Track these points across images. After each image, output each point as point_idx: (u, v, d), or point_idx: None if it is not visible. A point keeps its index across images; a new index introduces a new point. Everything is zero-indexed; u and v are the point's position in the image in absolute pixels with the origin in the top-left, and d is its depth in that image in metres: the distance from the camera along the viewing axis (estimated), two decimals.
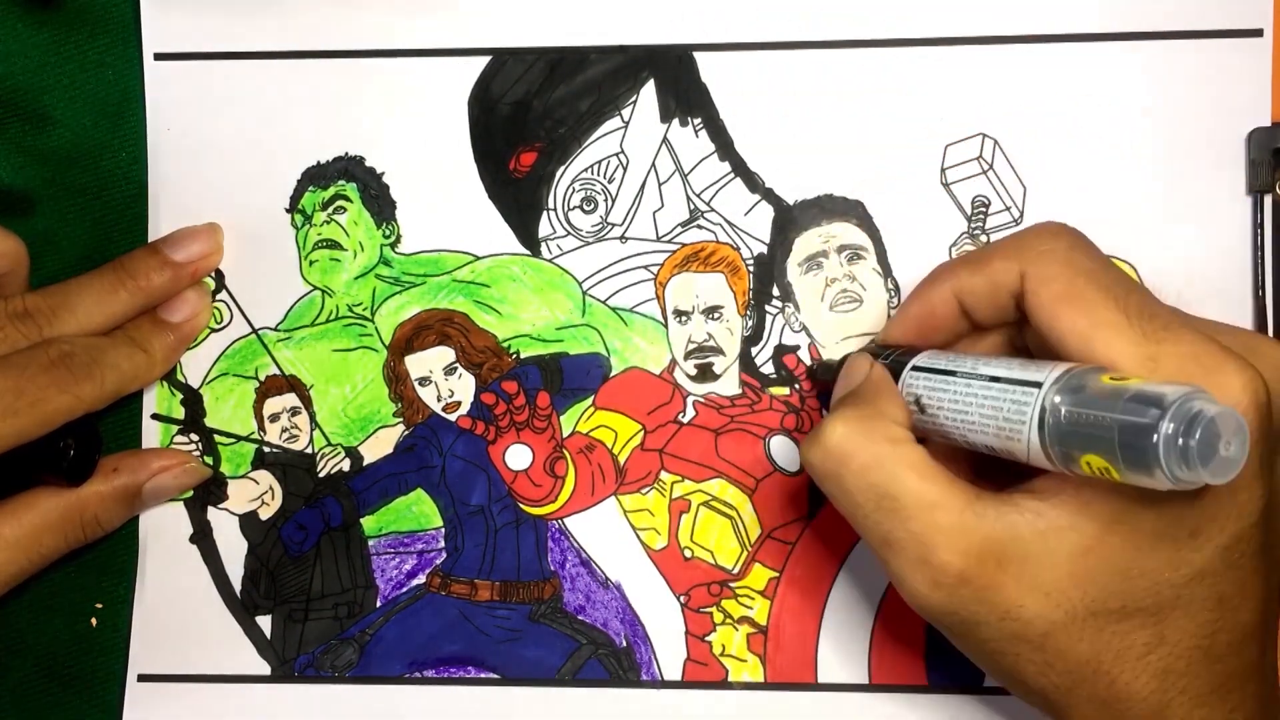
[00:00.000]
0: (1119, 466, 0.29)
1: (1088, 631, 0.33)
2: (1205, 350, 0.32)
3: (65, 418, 0.42)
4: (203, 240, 0.46)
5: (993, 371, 0.34)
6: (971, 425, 0.34)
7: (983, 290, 0.36)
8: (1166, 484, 0.29)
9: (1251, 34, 0.45)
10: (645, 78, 0.46)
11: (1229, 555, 0.32)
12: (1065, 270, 0.34)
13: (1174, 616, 0.33)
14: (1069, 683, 0.34)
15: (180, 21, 0.47)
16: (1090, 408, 0.30)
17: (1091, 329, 0.33)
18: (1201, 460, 0.28)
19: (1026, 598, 0.33)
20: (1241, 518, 0.32)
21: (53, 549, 0.44)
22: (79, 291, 0.44)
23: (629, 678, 0.46)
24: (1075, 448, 0.30)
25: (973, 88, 0.45)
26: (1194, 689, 0.33)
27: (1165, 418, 0.28)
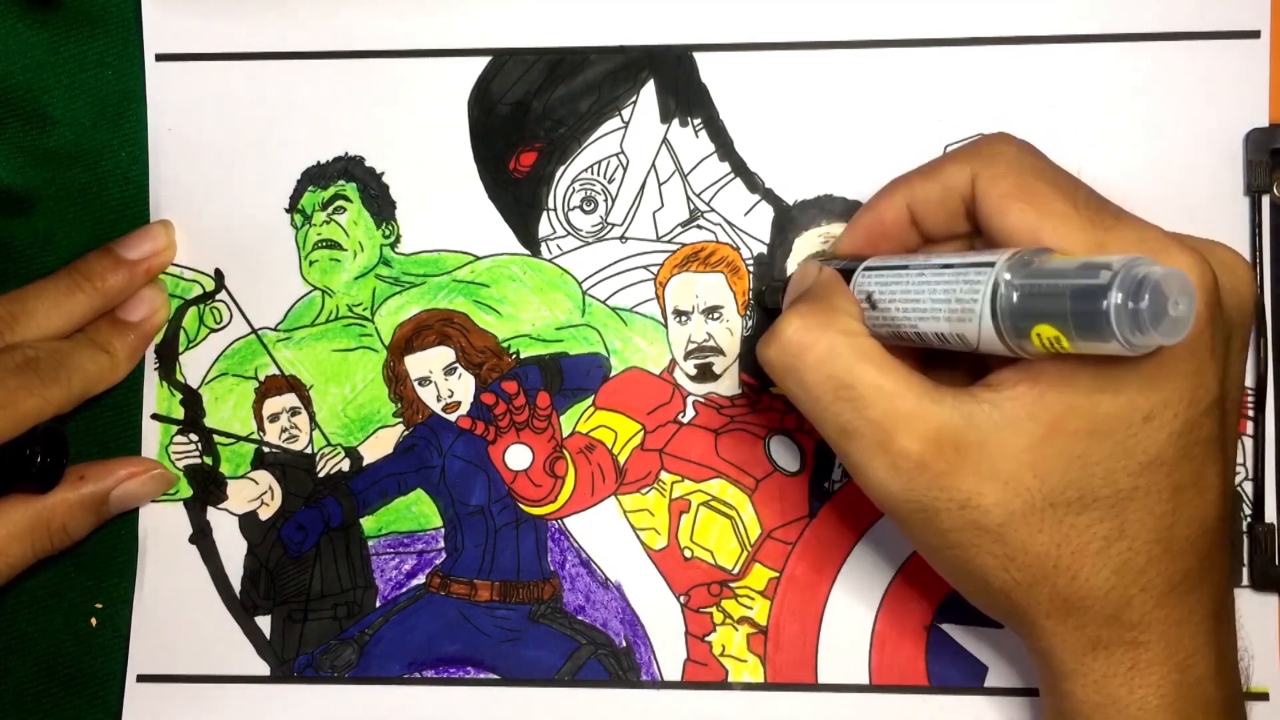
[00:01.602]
0: (1070, 334, 0.30)
1: (1047, 522, 0.33)
2: (1152, 235, 0.33)
3: (34, 421, 0.42)
4: (155, 238, 0.46)
5: (945, 260, 0.34)
6: (924, 312, 0.34)
7: (935, 196, 0.37)
8: (1118, 349, 0.29)
9: (1249, 35, 0.45)
10: (645, 78, 0.47)
11: (1182, 442, 0.32)
12: (1014, 169, 0.34)
13: (1132, 508, 0.33)
14: (1029, 578, 0.34)
15: (181, 22, 0.47)
16: (1042, 278, 0.30)
17: (1039, 220, 0.33)
18: (1152, 320, 0.28)
19: (985, 485, 0.33)
20: (1195, 403, 0.32)
21: (20, 558, 0.44)
22: (37, 296, 0.45)
23: (629, 678, 0.46)
24: (1027, 319, 0.31)
25: (973, 88, 0.45)
26: (1154, 586, 0.33)
27: (1115, 281, 0.28)
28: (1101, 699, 0.35)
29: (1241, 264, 0.35)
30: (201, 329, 0.47)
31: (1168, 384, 0.32)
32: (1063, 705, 0.36)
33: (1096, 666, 0.34)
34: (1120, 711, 0.34)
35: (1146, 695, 0.34)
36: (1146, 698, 0.34)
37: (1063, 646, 0.35)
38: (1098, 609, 0.34)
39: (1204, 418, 0.33)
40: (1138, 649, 0.34)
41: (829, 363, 0.34)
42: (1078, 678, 0.35)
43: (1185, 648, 0.34)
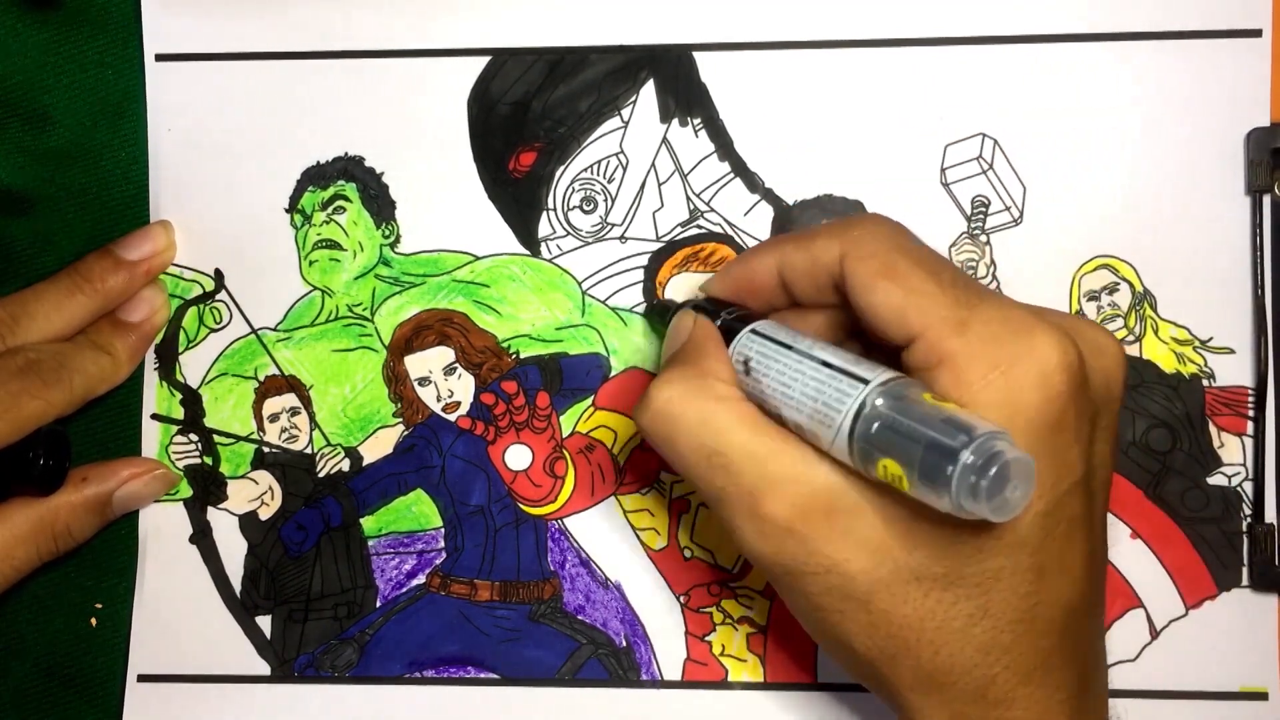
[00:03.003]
0: (912, 480, 0.30)
1: (913, 595, 0.33)
2: (1016, 314, 0.33)
3: (37, 423, 0.42)
4: (155, 239, 0.46)
5: (827, 357, 0.34)
6: (791, 400, 0.34)
7: (803, 267, 0.37)
8: (948, 508, 0.30)
9: (1250, 34, 0.45)
10: (645, 78, 0.46)
11: (1047, 523, 0.32)
12: (882, 248, 0.34)
13: (997, 588, 0.33)
14: (894, 648, 0.34)
15: (181, 22, 0.47)
16: (907, 417, 0.31)
17: (905, 298, 0.33)
18: (988, 495, 0.29)
19: (853, 553, 0.33)
20: (1058, 484, 0.32)
21: (25, 561, 0.44)
22: (37, 299, 0.45)
23: (629, 678, 0.46)
24: (878, 450, 0.31)
25: (973, 88, 0.45)
26: (1018, 664, 0.33)
27: (968, 448, 0.29)
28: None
29: (1112, 344, 0.35)
30: (201, 329, 0.48)
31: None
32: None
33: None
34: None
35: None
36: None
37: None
38: (961, 685, 0.33)
39: (1068, 498, 0.33)
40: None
41: (700, 431, 0.34)
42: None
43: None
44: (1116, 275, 0.45)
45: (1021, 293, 0.44)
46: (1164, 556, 0.45)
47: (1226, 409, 0.45)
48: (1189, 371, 0.45)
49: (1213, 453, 0.45)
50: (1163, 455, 0.45)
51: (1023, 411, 0.31)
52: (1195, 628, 0.45)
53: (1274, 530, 0.44)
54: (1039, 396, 0.32)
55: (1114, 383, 0.35)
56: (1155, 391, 0.45)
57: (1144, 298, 0.45)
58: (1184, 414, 0.45)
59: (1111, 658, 0.44)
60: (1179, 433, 0.45)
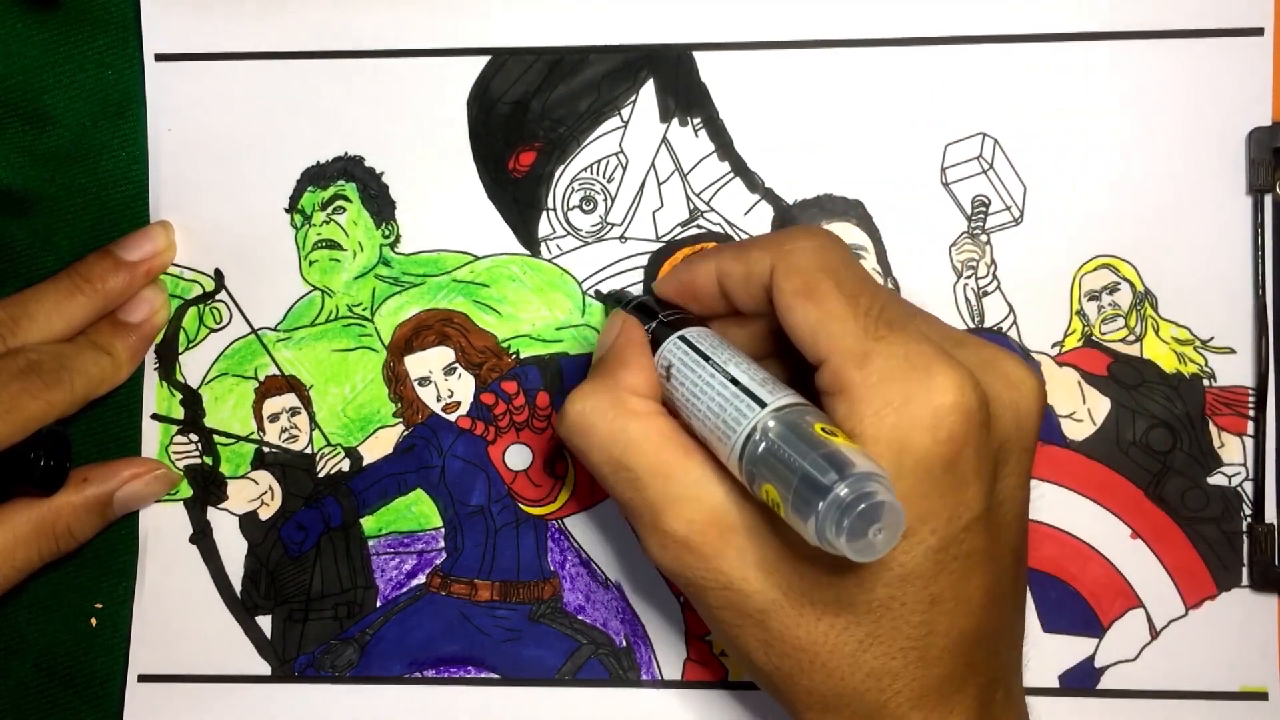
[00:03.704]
0: (786, 508, 0.31)
1: (805, 618, 0.33)
2: (918, 351, 0.32)
3: (38, 424, 0.42)
4: (155, 239, 0.46)
5: (735, 374, 0.35)
6: (697, 412, 0.35)
7: (739, 278, 0.37)
8: (814, 540, 0.30)
9: (1252, 33, 0.45)
10: (645, 78, 0.46)
11: (939, 558, 0.32)
12: (808, 266, 0.35)
13: (887, 618, 0.33)
14: (790, 668, 0.34)
15: (181, 22, 0.47)
16: (790, 445, 0.31)
17: (819, 321, 0.34)
18: (850, 535, 0.29)
19: (748, 571, 0.34)
20: (953, 520, 0.32)
21: (26, 562, 0.44)
22: (37, 300, 0.45)
23: (629, 677, 0.46)
24: (762, 474, 0.32)
25: (973, 87, 0.45)
26: (909, 691, 0.33)
27: (840, 484, 0.29)
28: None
29: (1028, 379, 0.35)
30: (201, 329, 0.48)
31: (924, 503, 0.32)
32: None
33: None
34: None
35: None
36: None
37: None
38: (854, 708, 0.34)
39: (965, 534, 0.33)
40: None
41: (610, 445, 0.35)
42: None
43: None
44: (1117, 275, 0.45)
45: (1022, 292, 0.45)
46: (1164, 556, 0.45)
47: (1227, 409, 0.45)
48: (1189, 371, 0.45)
49: (1213, 452, 0.45)
50: (1163, 455, 0.45)
51: (911, 451, 0.32)
52: (1195, 628, 0.45)
53: (1274, 530, 0.44)
54: (929, 438, 0.32)
55: (1026, 417, 0.34)
56: (1155, 391, 0.45)
57: (1145, 297, 0.45)
58: (1184, 414, 0.45)
59: (1112, 658, 0.45)
60: (1179, 432, 0.45)
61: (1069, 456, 0.45)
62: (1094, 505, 0.45)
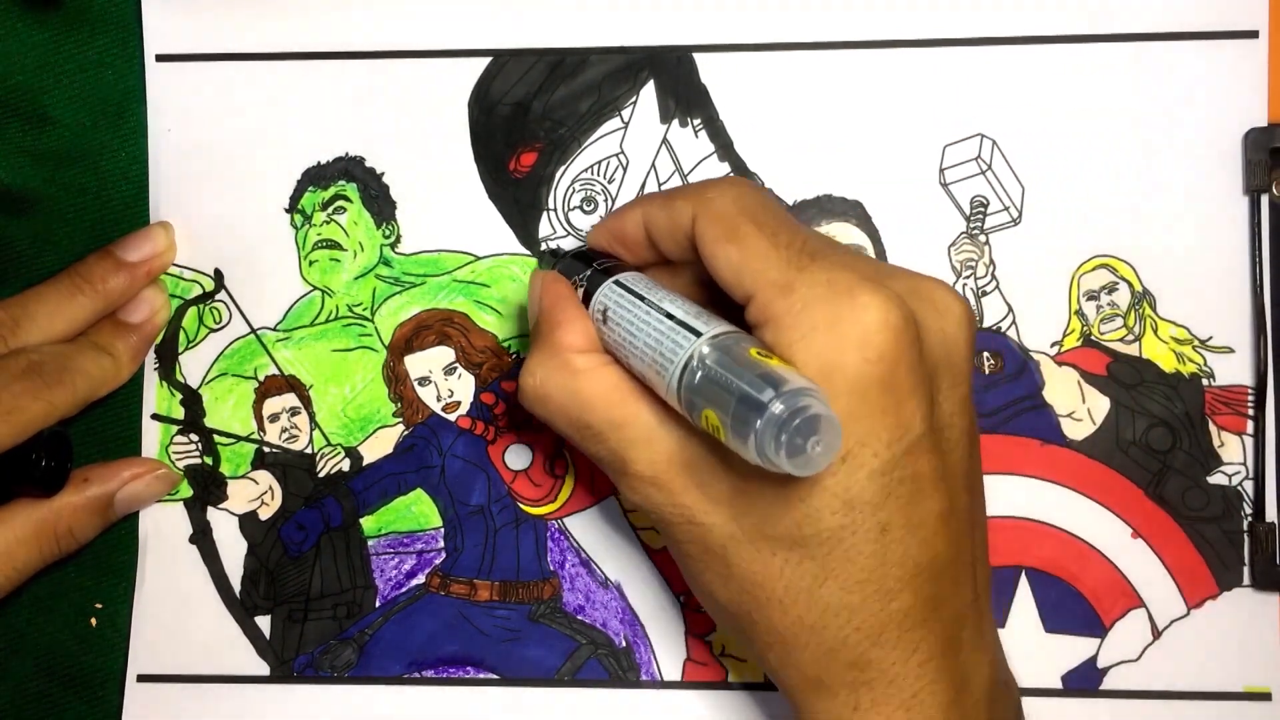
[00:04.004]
0: (726, 431, 0.31)
1: (762, 553, 0.34)
2: (841, 276, 0.33)
3: (40, 426, 0.42)
4: (155, 240, 0.46)
5: (672, 309, 0.35)
6: (635, 350, 0.36)
7: (664, 225, 0.38)
8: (754, 459, 0.30)
9: (1247, 35, 0.45)
10: (645, 78, 0.47)
11: (883, 481, 0.32)
12: (727, 211, 0.35)
13: (838, 549, 0.33)
14: (748, 604, 0.34)
15: (181, 22, 0.47)
16: (726, 369, 0.32)
17: (742, 261, 0.34)
18: (789, 450, 0.29)
19: (708, 506, 0.34)
20: (893, 443, 0.32)
21: (27, 563, 0.44)
22: (38, 301, 0.45)
23: (629, 678, 0.46)
24: (700, 399, 0.32)
25: (971, 88, 0.45)
26: (867, 626, 0.33)
27: (776, 400, 0.30)
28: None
29: (956, 303, 0.35)
30: (201, 329, 0.47)
31: (861, 425, 0.32)
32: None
33: (820, 705, 0.34)
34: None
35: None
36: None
37: (788, 682, 0.35)
38: (813, 646, 0.34)
39: (907, 457, 0.33)
40: (859, 689, 0.34)
41: (567, 408, 0.37)
42: (806, 714, 0.35)
43: (910, 686, 0.34)
44: (1115, 275, 0.45)
45: (1021, 292, 0.45)
46: (1165, 556, 0.45)
47: (1226, 408, 0.45)
48: (1188, 371, 0.45)
49: (1213, 452, 0.45)
50: (1163, 454, 0.45)
51: (842, 371, 0.32)
52: (1197, 627, 0.44)
53: (1275, 529, 0.44)
54: (859, 357, 0.32)
55: (953, 341, 0.34)
56: (1155, 391, 0.45)
57: (1143, 297, 0.45)
58: (1184, 413, 0.45)
59: (1114, 658, 0.44)
60: (1179, 432, 0.45)
61: (1069, 456, 0.45)
62: (1094, 505, 0.45)
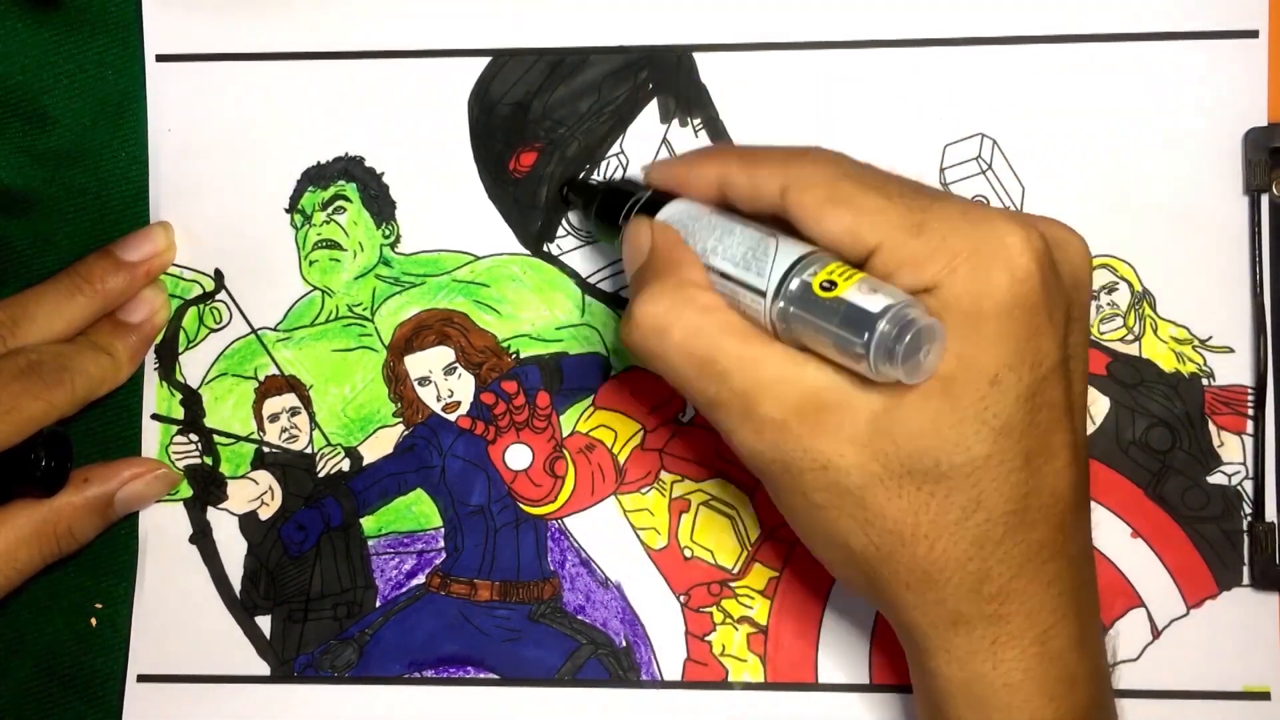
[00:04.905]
0: (837, 351, 0.32)
1: (905, 489, 0.33)
2: (973, 209, 0.33)
3: (39, 425, 0.42)
4: (154, 239, 0.47)
5: (723, 268, 0.36)
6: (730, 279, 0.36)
7: (745, 190, 0.37)
8: (866, 372, 0.32)
9: (1247, 35, 0.45)
10: (645, 78, 0.47)
11: (1029, 406, 0.33)
12: (824, 175, 0.35)
13: (987, 478, 0.33)
14: (889, 544, 0.34)
15: (181, 22, 0.47)
16: (827, 291, 0.33)
17: (855, 220, 0.34)
18: (904, 358, 0.31)
19: (845, 448, 0.33)
20: (1036, 366, 0.33)
21: (28, 563, 0.44)
22: (37, 301, 0.45)
23: (629, 678, 0.46)
24: (806, 323, 0.33)
25: (972, 88, 0.45)
26: (1011, 557, 0.33)
27: (881, 320, 0.31)
28: (966, 675, 0.34)
29: (1076, 240, 0.35)
30: (201, 329, 0.48)
31: (1008, 348, 0.32)
32: (929, 683, 0.36)
33: (959, 641, 0.34)
34: (985, 687, 0.34)
35: (1009, 670, 0.34)
36: (1010, 672, 0.34)
37: (924, 620, 0.35)
38: (956, 580, 0.34)
39: (1046, 384, 0.33)
40: (999, 623, 0.34)
41: (691, 342, 0.35)
42: (941, 653, 0.35)
43: (1045, 620, 0.34)
44: (1115, 275, 0.45)
45: None
46: (1164, 556, 0.45)
47: (1226, 408, 0.45)
48: (1188, 370, 0.45)
49: (1213, 451, 0.45)
50: (1163, 454, 0.45)
51: (990, 295, 0.32)
52: (1196, 627, 0.44)
53: (1274, 529, 0.44)
54: (1006, 279, 0.32)
55: (1080, 273, 0.35)
56: (1155, 390, 0.45)
57: (1143, 297, 0.45)
58: (1184, 413, 0.45)
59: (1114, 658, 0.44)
60: (1179, 432, 0.45)
61: None
62: (1094, 504, 0.45)
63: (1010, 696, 0.34)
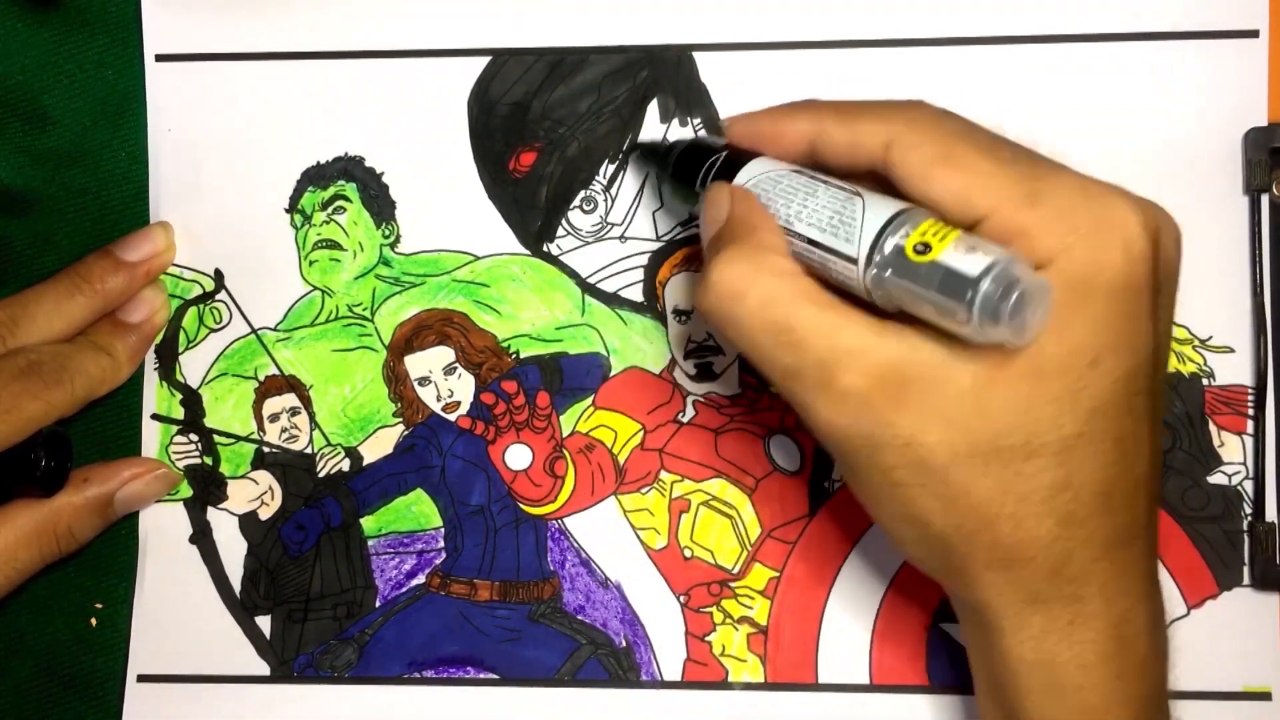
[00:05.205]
0: (931, 308, 0.31)
1: (993, 468, 0.32)
2: (1091, 183, 0.32)
3: (38, 425, 0.43)
4: (154, 239, 0.47)
5: (809, 234, 0.34)
6: (819, 242, 0.34)
7: (843, 145, 0.36)
8: (969, 334, 0.30)
9: (1248, 35, 0.45)
10: (645, 78, 0.47)
11: (1125, 391, 0.32)
12: (934, 134, 0.33)
13: (1076, 457, 0.32)
14: (972, 523, 0.33)
15: (181, 22, 0.47)
16: (924, 252, 0.31)
17: (968, 182, 0.32)
18: (1010, 316, 0.30)
19: (929, 423, 0.32)
20: (1135, 351, 0.32)
21: (28, 563, 0.44)
22: (37, 300, 0.45)
23: (629, 678, 0.46)
24: (904, 285, 0.32)
25: (972, 88, 0.45)
26: (1095, 538, 0.33)
27: (985, 279, 0.30)
28: (1038, 656, 0.34)
29: (1173, 225, 0.35)
30: (201, 329, 0.48)
31: (1112, 330, 0.32)
32: (997, 665, 0.35)
33: (1035, 621, 0.34)
34: (1057, 669, 0.34)
35: (1083, 651, 0.34)
36: (1083, 653, 0.34)
37: (1001, 600, 0.34)
38: (1039, 561, 0.33)
39: (1144, 367, 0.32)
40: (1077, 603, 0.33)
41: (768, 308, 0.33)
42: (1015, 633, 0.34)
43: (1122, 603, 0.34)
44: None
45: None
46: (1165, 556, 0.45)
47: (1226, 408, 0.45)
48: (1188, 370, 0.45)
49: (1213, 451, 0.45)
50: (1163, 454, 0.45)
51: (1105, 271, 0.31)
52: (1197, 628, 0.44)
53: (1275, 529, 0.44)
54: (1123, 258, 0.31)
55: (1174, 260, 0.34)
56: None
57: None
58: (1184, 413, 0.45)
59: None
60: (1179, 431, 0.45)
61: None
62: None
63: (1084, 678, 0.34)
